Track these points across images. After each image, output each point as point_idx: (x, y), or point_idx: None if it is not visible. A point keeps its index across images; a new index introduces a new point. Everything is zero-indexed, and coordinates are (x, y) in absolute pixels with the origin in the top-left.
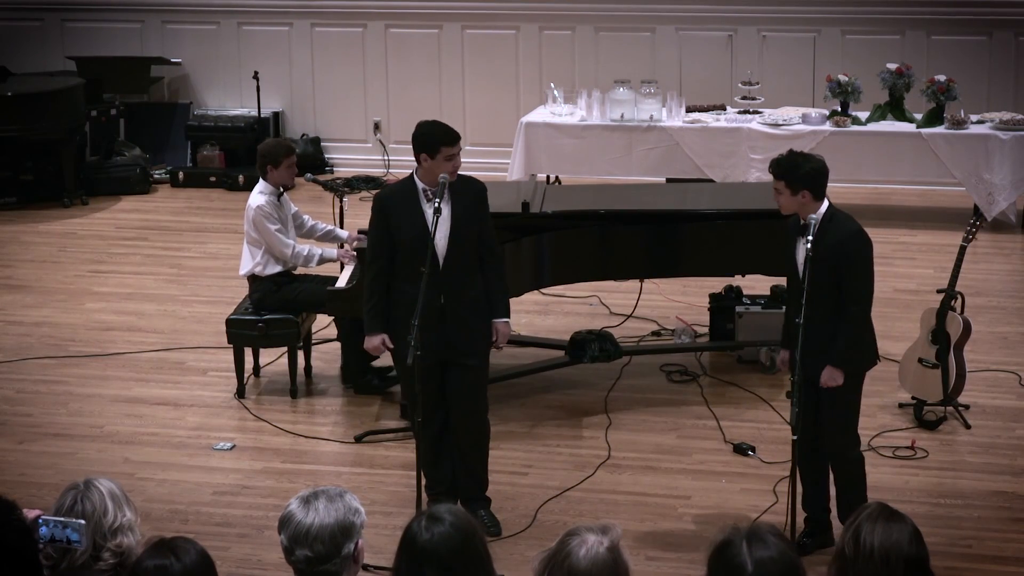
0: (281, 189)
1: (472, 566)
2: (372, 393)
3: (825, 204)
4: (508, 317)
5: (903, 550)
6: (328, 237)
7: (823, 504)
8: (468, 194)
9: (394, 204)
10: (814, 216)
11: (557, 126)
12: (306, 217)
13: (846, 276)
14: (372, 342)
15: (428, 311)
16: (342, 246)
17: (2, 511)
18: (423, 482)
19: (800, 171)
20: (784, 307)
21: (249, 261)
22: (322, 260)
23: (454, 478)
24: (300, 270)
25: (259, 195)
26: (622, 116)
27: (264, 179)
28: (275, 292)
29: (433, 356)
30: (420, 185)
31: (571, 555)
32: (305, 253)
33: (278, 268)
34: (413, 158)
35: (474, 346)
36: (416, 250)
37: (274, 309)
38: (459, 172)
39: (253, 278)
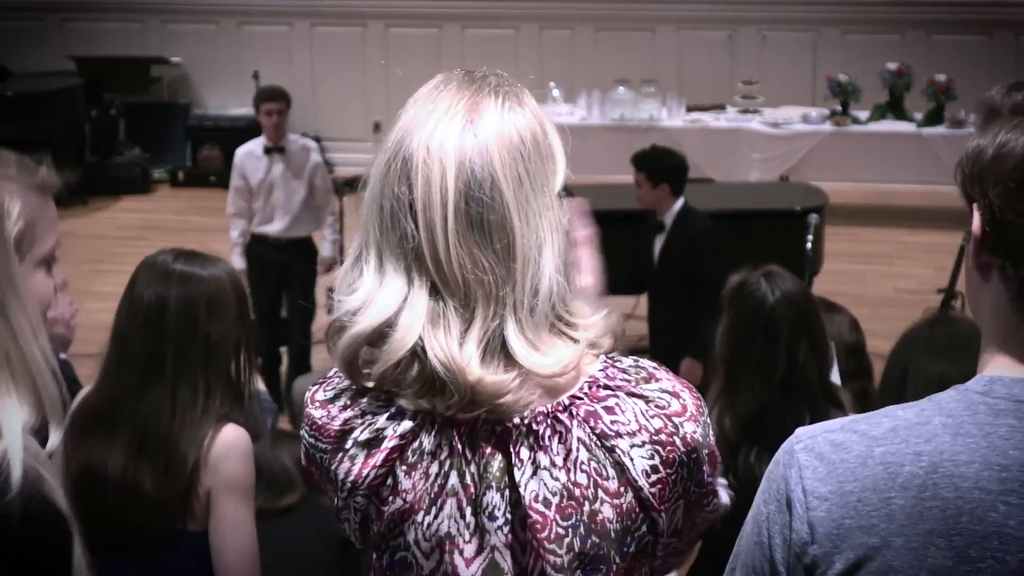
0: (270, 144)
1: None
2: None
3: (681, 201)
4: None
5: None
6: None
7: None
8: None
9: None
10: (670, 212)
11: (557, 126)
12: (329, 214)
13: (701, 271)
14: None
15: None
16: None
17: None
18: None
19: (661, 165)
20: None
21: None
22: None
23: None
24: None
25: (248, 143)
26: (622, 116)
27: None
28: (260, 260)
29: None
30: None
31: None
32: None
33: (254, 226)
34: None
35: None
36: None
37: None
38: None
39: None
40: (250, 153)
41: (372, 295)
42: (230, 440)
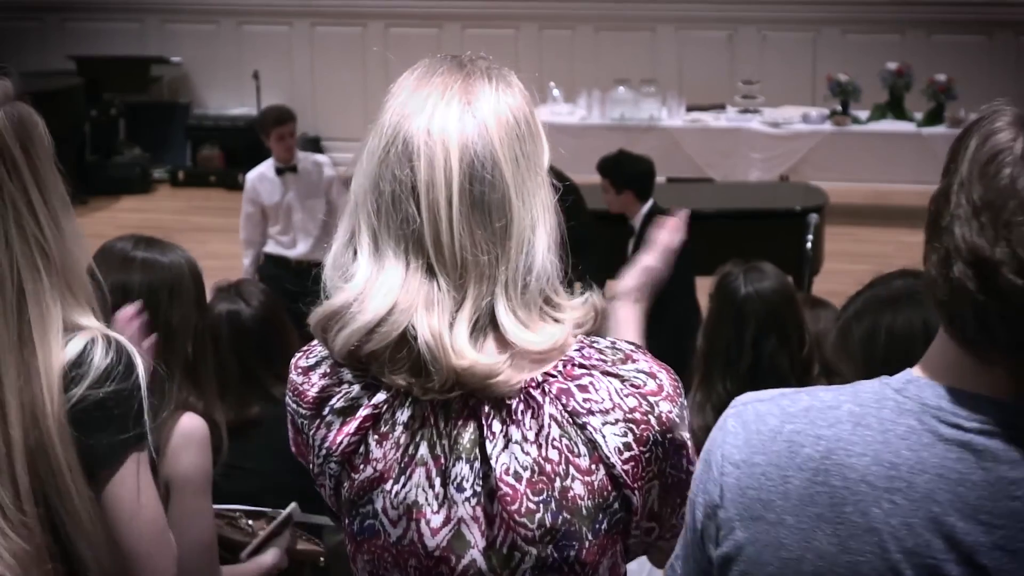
0: (282, 165)
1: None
2: None
3: (649, 204)
4: None
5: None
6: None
7: None
8: None
9: None
10: (638, 216)
11: (557, 126)
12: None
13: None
14: None
15: None
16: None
17: None
18: None
19: (624, 171)
20: None
21: None
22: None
23: None
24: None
25: (259, 167)
26: (622, 116)
27: None
28: (275, 282)
29: None
30: None
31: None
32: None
33: (273, 248)
34: None
35: None
36: None
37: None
38: None
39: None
40: (262, 176)
41: (371, 281)
42: (187, 430)
